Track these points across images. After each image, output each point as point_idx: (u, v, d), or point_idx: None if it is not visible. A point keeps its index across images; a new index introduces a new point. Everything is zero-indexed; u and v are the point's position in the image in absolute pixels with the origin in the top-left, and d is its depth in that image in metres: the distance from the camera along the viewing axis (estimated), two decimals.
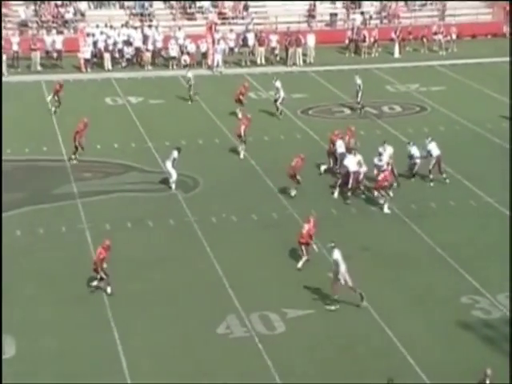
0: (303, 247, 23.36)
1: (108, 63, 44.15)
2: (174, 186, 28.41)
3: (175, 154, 28.36)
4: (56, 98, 35.51)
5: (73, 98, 37.35)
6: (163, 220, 26.58)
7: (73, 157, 30.49)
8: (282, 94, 35.32)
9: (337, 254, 21.27)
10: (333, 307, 21.34)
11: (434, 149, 29.08)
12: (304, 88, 40.57)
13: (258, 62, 45.73)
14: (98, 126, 32.46)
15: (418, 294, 22.23)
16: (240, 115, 33.94)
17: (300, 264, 23.31)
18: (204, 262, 23.58)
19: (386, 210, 26.89)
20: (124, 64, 44.87)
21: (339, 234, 24.97)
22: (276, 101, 35.48)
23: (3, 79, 41.49)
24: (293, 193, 27.71)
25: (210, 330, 20.36)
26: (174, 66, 44.50)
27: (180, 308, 21.51)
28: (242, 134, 30.99)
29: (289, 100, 37.29)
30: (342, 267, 21.09)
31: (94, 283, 22.06)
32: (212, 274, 23.11)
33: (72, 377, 18.81)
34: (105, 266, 21.82)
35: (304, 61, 45.73)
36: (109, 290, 21.91)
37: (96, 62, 44.36)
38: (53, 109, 35.53)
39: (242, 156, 30.82)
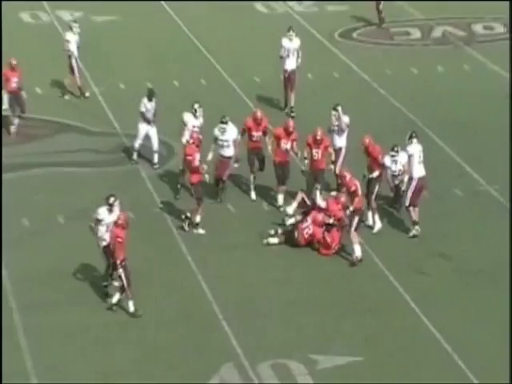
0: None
1: None
2: (135, 155, 25.09)
3: (145, 101, 24.76)
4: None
5: None
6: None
7: None
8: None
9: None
10: None
11: None
12: None
13: None
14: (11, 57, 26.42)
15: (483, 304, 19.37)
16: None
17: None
18: (188, 280, 20.30)
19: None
20: None
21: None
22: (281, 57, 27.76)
23: None
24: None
25: None
26: None
27: (147, 346, 17.80)
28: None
29: (321, 16, 32.78)
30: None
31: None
32: (197, 296, 19.61)
33: None
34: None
35: None
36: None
37: None
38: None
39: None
